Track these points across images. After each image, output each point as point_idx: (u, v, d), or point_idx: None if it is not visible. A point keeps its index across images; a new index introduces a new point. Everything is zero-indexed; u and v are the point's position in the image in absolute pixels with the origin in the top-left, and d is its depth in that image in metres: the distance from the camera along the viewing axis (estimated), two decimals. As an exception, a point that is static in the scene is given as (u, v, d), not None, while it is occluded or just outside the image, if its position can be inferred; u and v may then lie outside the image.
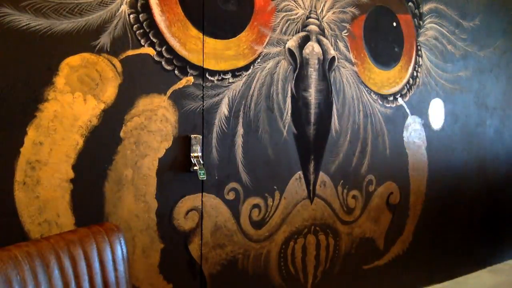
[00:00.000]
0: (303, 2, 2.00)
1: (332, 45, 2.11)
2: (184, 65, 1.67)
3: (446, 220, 2.73)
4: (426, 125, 2.58)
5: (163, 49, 1.61)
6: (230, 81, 1.79)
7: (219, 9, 1.75)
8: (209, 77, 1.73)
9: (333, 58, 2.12)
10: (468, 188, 2.86)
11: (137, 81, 1.57)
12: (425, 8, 2.56)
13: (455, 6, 2.73)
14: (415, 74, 2.51)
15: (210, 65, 1.72)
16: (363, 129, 2.26)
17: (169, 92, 1.64)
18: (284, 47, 1.95)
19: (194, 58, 1.69)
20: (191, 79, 1.68)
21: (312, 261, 2.10)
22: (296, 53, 1.99)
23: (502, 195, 3.11)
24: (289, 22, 1.96)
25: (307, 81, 2.02)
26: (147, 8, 1.58)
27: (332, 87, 2.12)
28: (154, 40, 1.60)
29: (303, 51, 2.01)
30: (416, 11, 2.52)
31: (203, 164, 1.68)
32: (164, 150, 1.64)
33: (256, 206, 1.89)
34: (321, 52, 2.07)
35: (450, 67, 2.72)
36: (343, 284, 2.22)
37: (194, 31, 1.68)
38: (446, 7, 2.68)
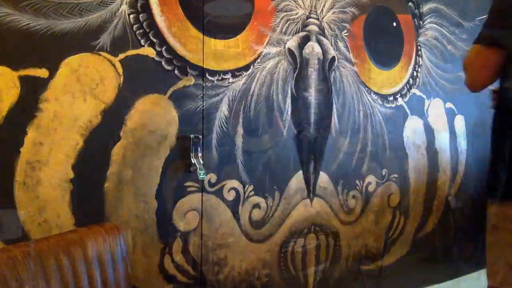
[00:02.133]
0: (303, 2, 2.00)
1: (332, 45, 2.11)
2: (184, 65, 1.67)
3: (446, 220, 2.73)
4: (427, 125, 2.58)
5: (163, 49, 1.61)
6: (230, 81, 1.79)
7: (219, 9, 1.75)
8: (209, 77, 1.73)
9: (333, 58, 2.11)
10: (468, 188, 2.86)
11: (137, 81, 1.56)
12: (425, 8, 2.56)
13: (455, 6, 2.73)
14: (415, 74, 2.51)
15: (210, 65, 1.72)
16: (363, 129, 2.25)
17: (169, 92, 1.64)
18: (284, 47, 1.95)
19: (194, 58, 1.69)
20: (191, 79, 1.68)
21: (312, 261, 2.10)
22: (296, 53, 1.98)
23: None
24: (289, 22, 1.96)
25: (307, 81, 2.02)
26: (147, 8, 1.58)
27: (332, 87, 2.12)
28: (154, 40, 1.59)
29: (303, 51, 2.00)
30: (416, 11, 2.52)
31: (203, 164, 1.68)
32: (164, 150, 1.64)
33: (256, 206, 1.89)
34: (321, 52, 2.07)
35: (450, 67, 2.71)
36: (343, 284, 2.22)
37: (194, 31, 1.68)
38: (446, 7, 2.68)
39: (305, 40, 2.01)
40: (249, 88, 1.84)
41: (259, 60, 1.86)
